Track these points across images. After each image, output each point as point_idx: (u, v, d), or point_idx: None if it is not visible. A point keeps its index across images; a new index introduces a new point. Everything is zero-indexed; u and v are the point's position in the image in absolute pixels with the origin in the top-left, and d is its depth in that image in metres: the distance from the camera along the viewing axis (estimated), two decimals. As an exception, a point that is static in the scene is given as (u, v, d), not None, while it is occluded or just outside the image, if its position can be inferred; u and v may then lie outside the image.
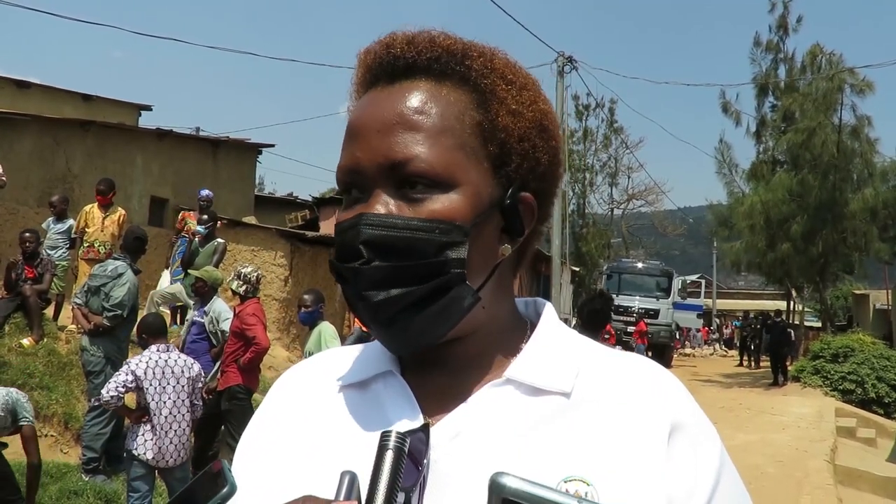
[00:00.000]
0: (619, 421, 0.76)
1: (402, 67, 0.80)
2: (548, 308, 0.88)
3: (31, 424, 4.90)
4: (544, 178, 0.83)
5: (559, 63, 19.66)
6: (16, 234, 8.91)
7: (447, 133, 0.77)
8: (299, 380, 0.90)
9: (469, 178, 0.77)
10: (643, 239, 50.34)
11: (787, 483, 8.37)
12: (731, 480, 0.77)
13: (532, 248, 0.88)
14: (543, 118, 0.82)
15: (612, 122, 41.27)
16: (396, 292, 0.74)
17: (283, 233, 12.68)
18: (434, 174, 0.75)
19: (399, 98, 0.78)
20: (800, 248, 21.68)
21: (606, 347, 0.86)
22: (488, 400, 0.78)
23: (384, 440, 0.62)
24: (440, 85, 0.79)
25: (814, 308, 32.83)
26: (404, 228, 0.74)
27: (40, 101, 15.57)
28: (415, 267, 0.74)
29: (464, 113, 0.78)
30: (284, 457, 0.81)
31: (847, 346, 17.43)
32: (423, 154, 0.75)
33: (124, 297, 6.54)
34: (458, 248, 0.75)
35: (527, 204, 0.82)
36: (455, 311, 0.77)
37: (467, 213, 0.76)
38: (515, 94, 0.81)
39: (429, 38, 0.81)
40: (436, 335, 0.78)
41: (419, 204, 0.75)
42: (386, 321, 0.76)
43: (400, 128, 0.76)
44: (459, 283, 0.76)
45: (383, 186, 0.76)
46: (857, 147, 21.51)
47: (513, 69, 0.83)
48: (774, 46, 23.37)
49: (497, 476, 0.55)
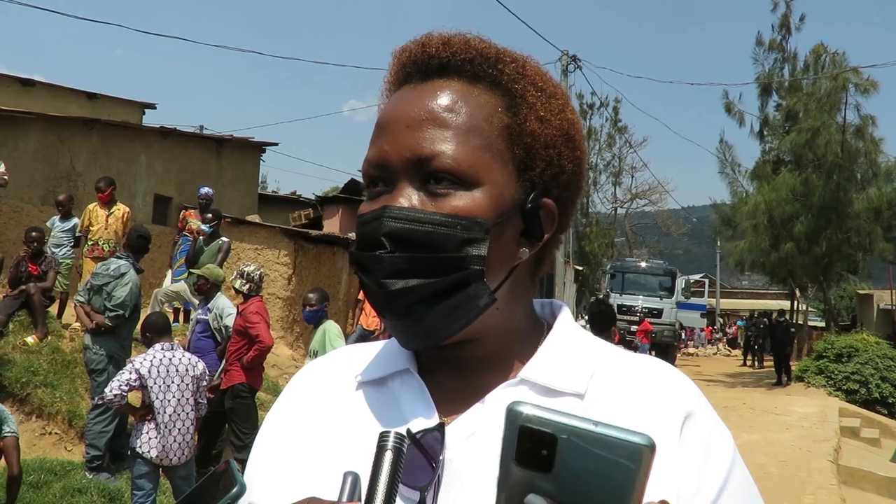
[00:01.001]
0: (632, 419, 0.76)
1: (435, 66, 0.81)
2: (564, 310, 0.89)
3: (15, 436, 4.86)
4: (567, 187, 0.84)
5: (563, 62, 19.66)
6: (20, 233, 8.94)
7: (475, 132, 0.78)
8: (316, 376, 0.90)
9: (493, 178, 0.78)
10: (647, 238, 50.33)
11: (791, 483, 8.36)
12: (741, 477, 0.77)
13: (550, 255, 0.88)
14: (570, 128, 0.83)
15: (616, 120, 41.29)
16: (415, 283, 0.75)
17: (286, 231, 12.67)
18: (459, 171, 0.76)
19: (430, 95, 0.79)
20: (803, 247, 21.64)
21: (621, 349, 0.86)
22: (503, 400, 0.78)
23: (383, 440, 0.62)
24: (472, 86, 0.80)
25: (817, 308, 32.78)
26: (427, 223, 0.75)
27: (45, 99, 15.60)
28: (435, 259, 0.75)
29: (493, 115, 0.79)
30: (300, 454, 0.82)
31: (851, 345, 17.41)
32: (449, 151, 0.76)
33: (126, 297, 6.54)
34: (479, 245, 0.76)
35: (548, 210, 0.82)
36: (470, 309, 0.77)
37: (489, 212, 0.77)
38: (545, 102, 0.82)
39: (464, 41, 0.83)
40: (449, 331, 0.79)
41: (442, 199, 0.76)
42: (401, 312, 0.77)
43: (428, 124, 0.77)
44: (478, 279, 0.76)
45: (408, 180, 0.78)
46: (862, 147, 21.47)
47: (543, 77, 0.85)
48: (777, 46, 23.32)
49: (514, 405, 0.55)
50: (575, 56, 20.01)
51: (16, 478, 4.86)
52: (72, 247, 9.27)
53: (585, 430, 0.54)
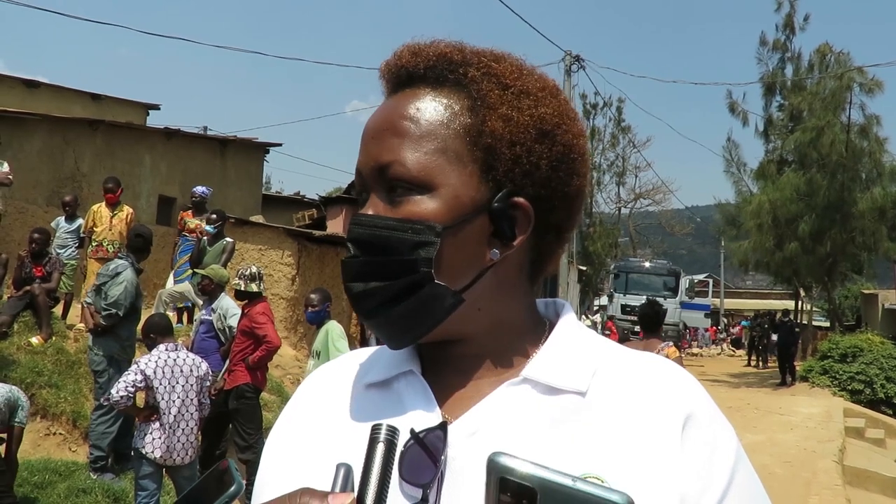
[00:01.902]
0: (633, 417, 0.77)
1: (404, 77, 0.84)
2: (567, 309, 0.90)
3: (22, 426, 5.00)
4: (546, 185, 0.82)
5: (566, 62, 19.66)
6: (25, 233, 8.96)
7: (428, 137, 0.80)
8: (324, 380, 0.92)
9: (448, 180, 0.79)
10: (650, 238, 50.28)
11: (795, 483, 8.35)
12: (746, 476, 0.77)
13: (549, 255, 0.88)
14: (544, 124, 0.82)
15: (620, 120, 41.29)
16: (374, 285, 0.79)
17: (290, 232, 12.68)
18: (410, 177, 0.79)
19: (395, 105, 0.83)
20: (808, 247, 21.60)
21: (625, 348, 0.86)
22: (505, 398, 0.79)
23: (375, 433, 0.62)
24: (437, 91, 0.82)
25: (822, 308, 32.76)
26: (383, 228, 0.79)
27: (49, 100, 15.63)
28: (388, 262, 0.79)
29: (453, 118, 0.81)
30: (306, 454, 0.83)
31: (856, 346, 17.36)
32: (401, 158, 0.79)
33: (120, 296, 6.55)
34: (429, 248, 0.78)
35: (521, 209, 0.82)
36: (436, 309, 0.79)
37: (443, 215, 0.78)
38: (511, 99, 0.81)
39: (432, 48, 0.85)
40: (419, 331, 0.81)
41: (400, 205, 0.79)
42: (367, 312, 0.81)
43: (387, 133, 0.81)
44: (429, 281, 0.78)
45: (377, 189, 0.82)
46: (866, 146, 21.43)
47: (516, 75, 0.83)
48: (781, 45, 23.30)
49: (494, 456, 0.57)
50: (578, 56, 20.00)
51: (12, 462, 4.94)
52: (76, 248, 9.29)
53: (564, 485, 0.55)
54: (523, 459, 0.56)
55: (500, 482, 0.56)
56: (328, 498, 0.59)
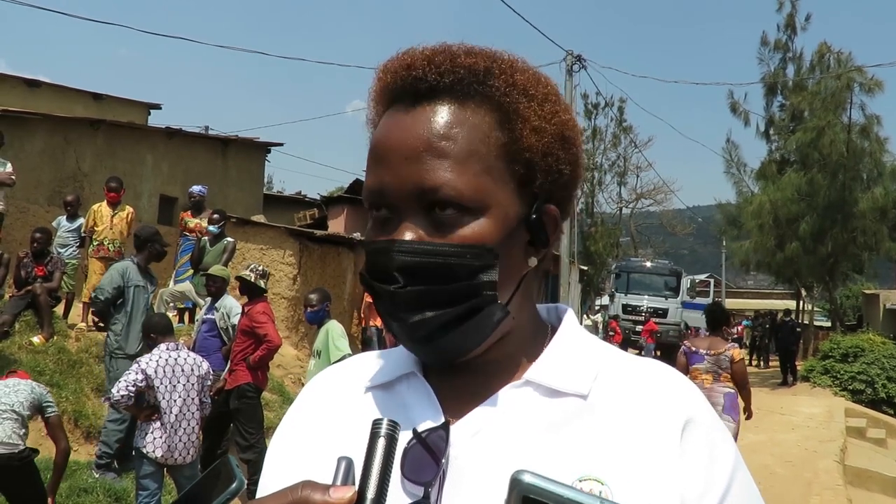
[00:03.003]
0: (633, 421, 0.77)
1: (424, 90, 0.79)
2: (569, 313, 0.90)
3: (58, 414, 5.03)
4: (566, 188, 0.85)
5: (568, 62, 19.63)
6: (26, 233, 8.96)
7: (474, 158, 0.77)
8: (328, 383, 0.92)
9: (497, 200, 0.78)
10: (652, 238, 50.23)
11: (797, 483, 8.34)
12: (744, 483, 0.78)
13: (550, 253, 0.89)
14: (565, 128, 0.83)
15: (621, 120, 41.20)
16: (431, 314, 0.76)
17: (291, 231, 12.68)
18: (464, 200, 0.76)
19: (424, 122, 0.78)
20: (809, 247, 21.61)
21: (625, 353, 0.87)
22: (507, 400, 0.80)
23: (376, 427, 0.62)
24: (463, 107, 0.79)
25: (823, 308, 32.72)
26: (437, 254, 0.76)
27: (50, 100, 15.64)
28: (448, 290, 0.76)
29: (488, 135, 0.78)
30: (309, 454, 0.84)
31: (857, 345, 17.36)
32: (452, 181, 0.76)
33: (104, 283, 6.74)
34: (490, 272, 0.77)
35: (551, 215, 0.83)
36: (486, 326, 0.79)
37: (497, 236, 0.77)
38: (537, 109, 0.81)
39: (450, 57, 0.80)
40: (468, 349, 0.80)
41: (450, 229, 0.76)
42: (421, 339, 0.79)
43: (427, 154, 0.76)
44: (492, 303, 0.78)
45: (412, 211, 0.78)
46: (867, 146, 21.45)
47: (534, 82, 0.83)
48: (783, 45, 23.31)
49: (517, 474, 0.55)
50: (580, 56, 19.97)
51: (66, 451, 4.98)
52: (78, 247, 9.29)
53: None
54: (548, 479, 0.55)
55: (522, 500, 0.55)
56: (329, 490, 0.59)
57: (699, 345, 7.04)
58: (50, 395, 5.05)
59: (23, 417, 4.73)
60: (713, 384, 6.76)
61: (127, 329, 6.65)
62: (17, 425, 4.68)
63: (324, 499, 0.58)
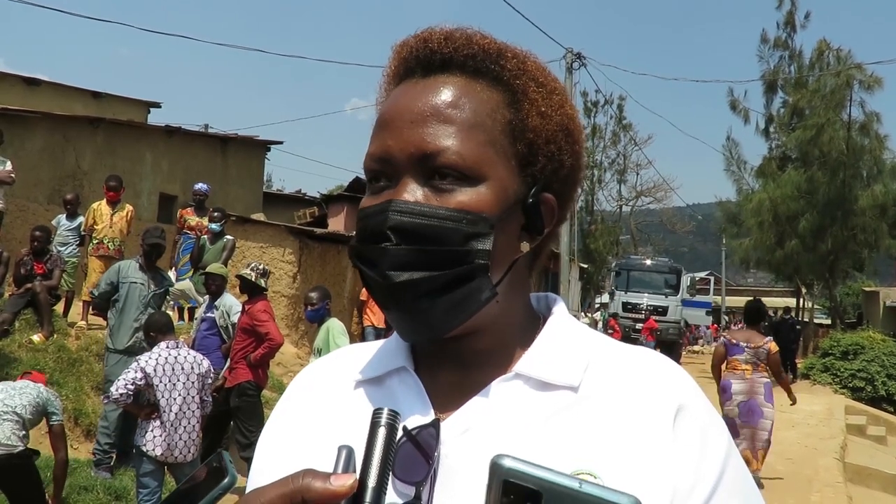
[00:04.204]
0: (625, 412, 0.77)
1: (438, 62, 0.82)
2: (559, 303, 0.89)
3: (61, 423, 5.02)
4: (566, 182, 0.85)
5: (568, 59, 19.63)
6: (26, 231, 8.96)
7: (479, 128, 0.79)
8: (317, 376, 0.92)
9: (497, 173, 0.79)
10: (652, 236, 50.29)
11: (797, 481, 8.34)
12: (737, 468, 0.78)
13: (547, 248, 0.89)
14: (570, 122, 0.85)
15: (621, 118, 41.27)
16: (419, 275, 0.76)
17: (291, 230, 12.68)
18: (464, 167, 0.77)
19: (433, 91, 0.80)
20: (809, 244, 21.63)
21: (616, 342, 0.87)
22: (498, 395, 0.79)
23: (377, 417, 0.62)
24: (474, 82, 0.81)
25: (823, 305, 32.76)
26: (432, 216, 0.76)
27: (50, 98, 15.63)
28: (441, 253, 0.76)
29: (496, 111, 0.80)
30: (299, 450, 0.83)
31: (857, 343, 17.35)
32: (454, 146, 0.77)
33: (101, 278, 6.92)
34: (484, 240, 0.77)
35: (548, 204, 0.84)
36: (472, 302, 0.78)
37: (494, 207, 0.78)
38: (546, 97, 0.83)
39: (466, 36, 0.83)
40: (449, 325, 0.79)
41: (448, 194, 0.77)
42: (406, 304, 0.78)
43: (433, 119, 0.78)
44: (483, 273, 0.77)
45: (412, 175, 0.78)
46: (867, 143, 21.48)
47: (543, 73, 0.85)
48: (782, 43, 23.34)
49: (497, 458, 0.55)
50: (579, 54, 19.97)
51: (63, 462, 4.98)
52: (77, 245, 9.29)
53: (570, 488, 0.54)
54: (528, 462, 0.55)
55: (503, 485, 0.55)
56: (330, 478, 0.59)
57: (738, 337, 7.55)
58: (58, 401, 5.06)
59: (23, 420, 4.73)
60: (753, 374, 7.31)
61: (118, 323, 6.67)
62: (16, 427, 4.68)
63: (325, 486, 0.58)
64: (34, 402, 4.80)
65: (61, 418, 5.02)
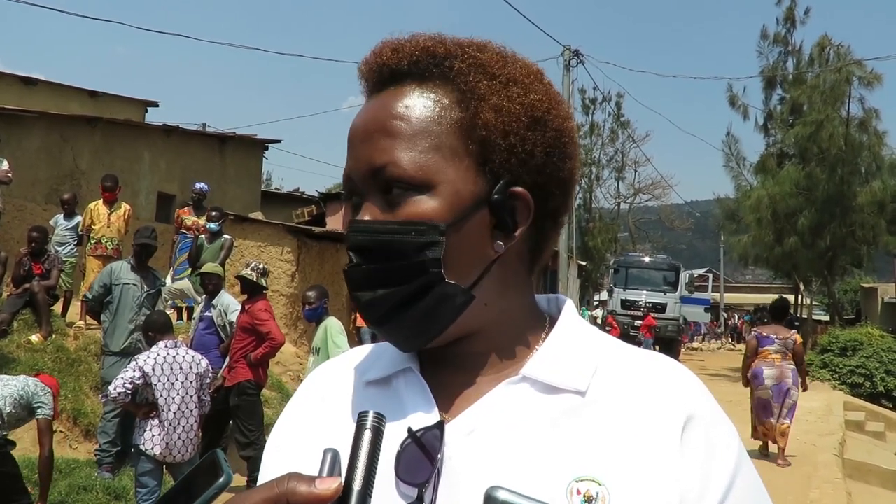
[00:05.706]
0: (633, 419, 0.75)
1: (387, 74, 0.82)
2: (568, 304, 0.88)
3: (47, 417, 4.92)
4: (542, 172, 0.81)
5: (565, 57, 19.64)
6: (23, 231, 8.94)
7: (422, 135, 0.78)
8: (326, 378, 0.92)
9: (447, 177, 0.78)
10: (650, 233, 50.31)
11: (796, 477, 8.35)
12: (748, 479, 0.76)
13: (546, 242, 0.87)
14: (534, 110, 0.81)
15: (619, 115, 41.25)
16: (382, 292, 0.78)
17: (289, 228, 12.68)
18: (408, 177, 0.77)
19: (381, 105, 0.81)
20: (807, 241, 21.62)
21: (627, 345, 0.85)
22: (504, 398, 0.78)
23: (362, 419, 0.62)
24: (423, 87, 0.80)
25: (822, 302, 32.78)
26: (384, 232, 0.77)
27: (47, 97, 15.61)
28: (395, 268, 0.77)
29: (444, 113, 0.79)
30: (305, 450, 0.83)
31: (855, 339, 17.36)
32: (397, 159, 0.77)
33: (94, 281, 6.93)
34: (435, 248, 0.77)
35: (522, 199, 0.81)
36: (447, 309, 0.78)
37: (445, 213, 0.77)
38: (500, 89, 0.80)
39: (414, 43, 0.83)
40: (432, 333, 0.80)
41: (399, 207, 0.78)
42: (378, 320, 0.80)
43: (378, 134, 0.79)
44: (439, 281, 0.77)
45: (372, 193, 0.80)
46: (865, 140, 21.47)
47: (501, 64, 0.82)
48: (782, 39, 23.30)
49: (492, 490, 0.56)
50: (577, 51, 19.98)
51: (46, 459, 4.90)
52: (75, 245, 9.28)
53: None
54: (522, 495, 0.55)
55: None
56: (315, 482, 0.59)
57: (767, 331, 9.05)
58: (48, 396, 4.94)
59: (1, 413, 4.66)
60: (782, 362, 8.68)
61: (113, 326, 6.66)
62: None
63: (310, 490, 0.58)
64: (16, 395, 4.71)
65: (49, 413, 4.91)
